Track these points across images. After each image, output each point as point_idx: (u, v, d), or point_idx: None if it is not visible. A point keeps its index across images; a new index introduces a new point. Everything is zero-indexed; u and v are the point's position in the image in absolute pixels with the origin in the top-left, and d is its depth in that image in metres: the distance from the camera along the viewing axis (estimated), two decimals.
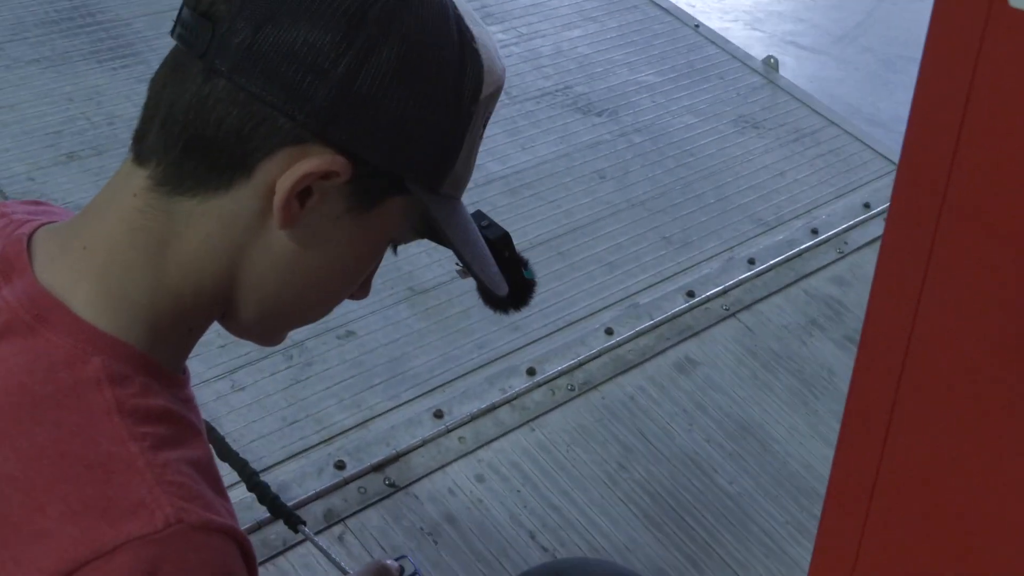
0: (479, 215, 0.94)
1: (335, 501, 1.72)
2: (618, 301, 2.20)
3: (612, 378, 2.05)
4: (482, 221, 0.94)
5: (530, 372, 2.00)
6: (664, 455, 1.94)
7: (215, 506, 0.75)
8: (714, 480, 1.92)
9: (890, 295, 0.85)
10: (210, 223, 0.78)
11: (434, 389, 1.93)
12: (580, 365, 2.05)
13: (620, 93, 2.82)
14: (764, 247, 2.42)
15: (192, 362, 0.86)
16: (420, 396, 1.91)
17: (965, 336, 0.82)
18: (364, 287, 0.90)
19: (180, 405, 0.81)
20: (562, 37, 2.99)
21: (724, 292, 2.28)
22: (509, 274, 0.92)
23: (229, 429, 1.74)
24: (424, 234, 0.87)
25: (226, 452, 1.46)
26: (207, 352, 1.85)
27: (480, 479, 1.81)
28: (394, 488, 1.76)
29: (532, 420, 1.93)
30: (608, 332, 2.11)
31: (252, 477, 1.46)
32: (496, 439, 1.88)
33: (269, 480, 1.57)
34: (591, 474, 1.87)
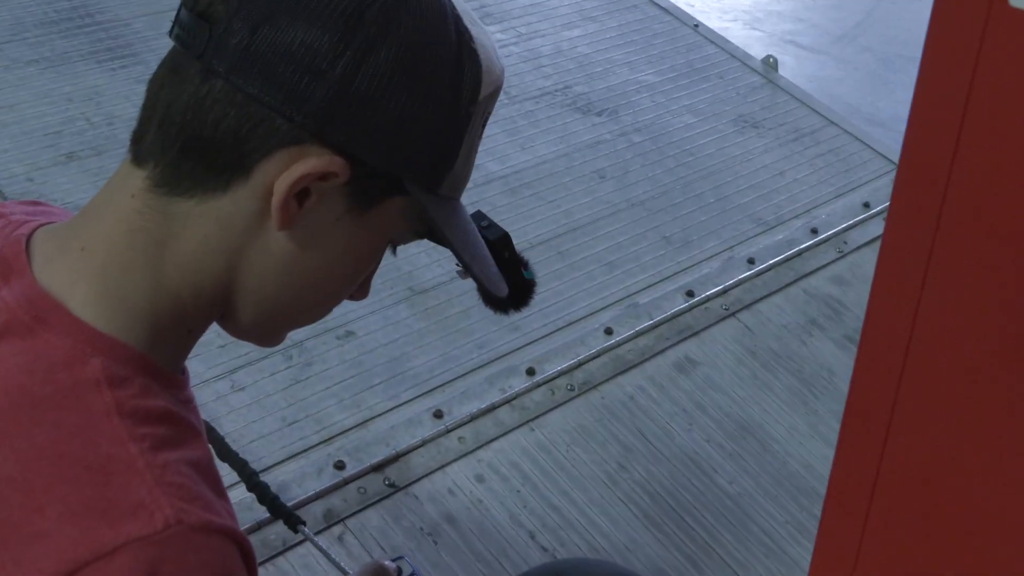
0: (479, 215, 0.94)
1: (335, 501, 1.71)
2: (618, 301, 2.20)
3: (612, 378, 2.05)
4: (482, 221, 0.94)
5: (530, 372, 2.00)
6: (664, 455, 1.93)
7: (215, 507, 0.75)
8: (714, 480, 1.92)
9: (890, 295, 0.85)
10: (208, 224, 0.78)
11: (434, 389, 1.93)
12: (580, 365, 2.04)
13: (620, 93, 2.82)
14: (764, 247, 2.42)
15: (192, 362, 0.86)
16: (420, 396, 1.91)
17: (965, 336, 0.82)
18: (363, 288, 0.90)
19: (180, 406, 0.81)
20: (561, 37, 2.99)
21: (724, 292, 2.28)
22: (509, 274, 0.92)
23: (229, 429, 1.74)
24: (423, 235, 0.87)
25: (226, 452, 1.46)
26: (207, 352, 1.85)
27: (480, 479, 1.81)
28: (394, 488, 1.76)
29: (532, 420, 1.93)
30: (608, 332, 2.11)
31: (252, 477, 1.46)
32: (496, 439, 1.88)
33: (269, 480, 1.57)
34: (591, 474, 1.87)
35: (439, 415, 1.88)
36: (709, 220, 2.46)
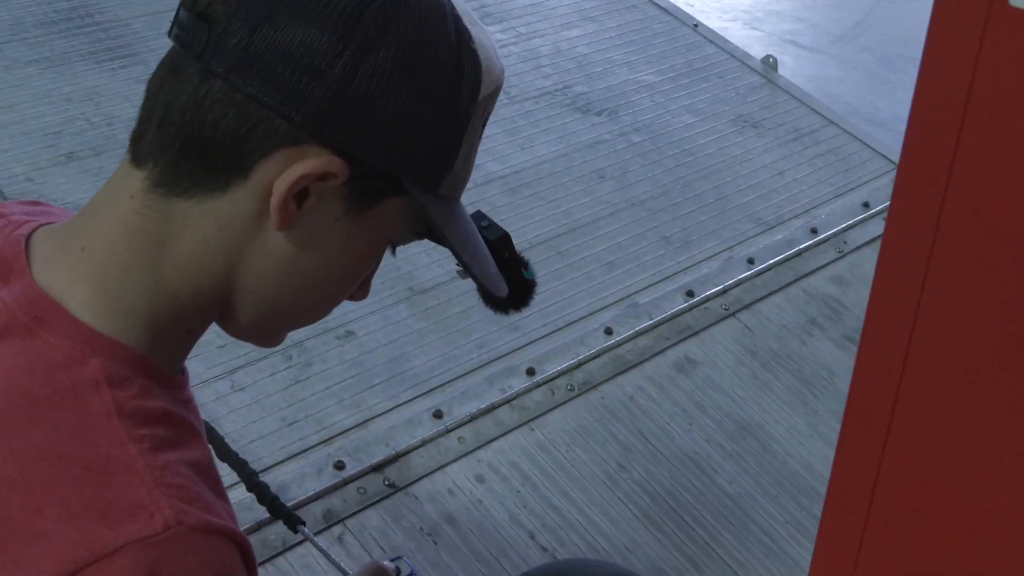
0: (479, 215, 0.94)
1: (334, 501, 1.71)
2: (617, 301, 2.20)
3: (612, 378, 2.05)
4: (482, 221, 0.93)
5: (530, 372, 1.99)
6: (664, 455, 1.93)
7: (215, 508, 0.75)
8: (714, 480, 1.92)
9: (890, 295, 0.85)
10: (207, 224, 0.78)
11: (434, 389, 1.93)
12: (580, 365, 2.04)
13: (619, 93, 2.82)
14: (763, 247, 2.42)
15: (192, 362, 0.86)
16: (420, 396, 1.91)
17: (965, 336, 0.82)
18: (363, 288, 0.90)
19: (179, 406, 0.81)
20: (561, 37, 2.99)
21: (724, 292, 2.28)
22: (509, 275, 0.92)
23: (229, 429, 1.74)
24: (423, 235, 0.87)
25: (226, 452, 1.46)
26: (207, 352, 1.85)
27: (480, 479, 1.81)
28: (394, 488, 1.76)
29: (532, 420, 1.93)
30: (607, 332, 2.11)
31: (252, 477, 1.46)
32: (496, 439, 1.88)
33: (269, 480, 1.57)
34: (591, 474, 1.87)
35: (439, 415, 1.88)
36: (709, 220, 2.46)
